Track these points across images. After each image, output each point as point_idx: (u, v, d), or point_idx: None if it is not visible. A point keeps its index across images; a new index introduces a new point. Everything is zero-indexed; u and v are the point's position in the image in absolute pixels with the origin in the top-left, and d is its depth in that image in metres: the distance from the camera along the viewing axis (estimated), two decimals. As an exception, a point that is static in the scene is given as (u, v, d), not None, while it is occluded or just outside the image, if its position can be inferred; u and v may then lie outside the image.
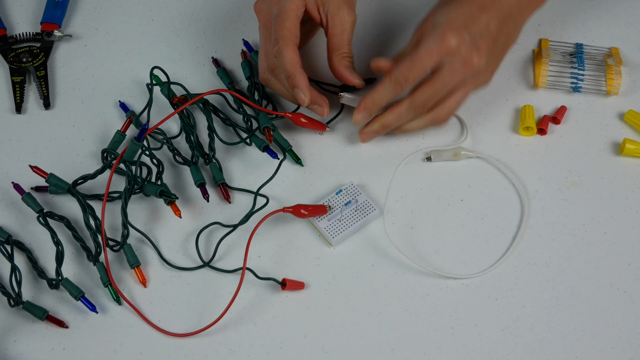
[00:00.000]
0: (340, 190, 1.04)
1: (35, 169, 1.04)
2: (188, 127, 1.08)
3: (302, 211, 1.02)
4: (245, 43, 1.15)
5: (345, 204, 1.03)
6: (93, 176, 1.03)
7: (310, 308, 0.99)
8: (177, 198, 1.03)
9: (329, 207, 1.03)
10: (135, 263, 1.00)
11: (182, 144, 1.09)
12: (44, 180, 1.04)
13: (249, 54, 1.14)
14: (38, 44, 1.16)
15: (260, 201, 1.05)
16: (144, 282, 0.99)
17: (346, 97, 1.09)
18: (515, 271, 1.01)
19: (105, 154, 1.06)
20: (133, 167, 1.03)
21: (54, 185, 1.03)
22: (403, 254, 1.00)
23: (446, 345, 0.97)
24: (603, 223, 1.04)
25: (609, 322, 0.98)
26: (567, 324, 0.98)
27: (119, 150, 1.07)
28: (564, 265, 1.01)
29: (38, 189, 1.05)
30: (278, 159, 1.06)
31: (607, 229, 1.03)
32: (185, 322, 0.97)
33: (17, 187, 1.04)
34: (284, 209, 1.02)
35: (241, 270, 0.99)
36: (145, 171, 1.04)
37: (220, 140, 1.07)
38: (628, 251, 1.02)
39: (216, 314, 0.97)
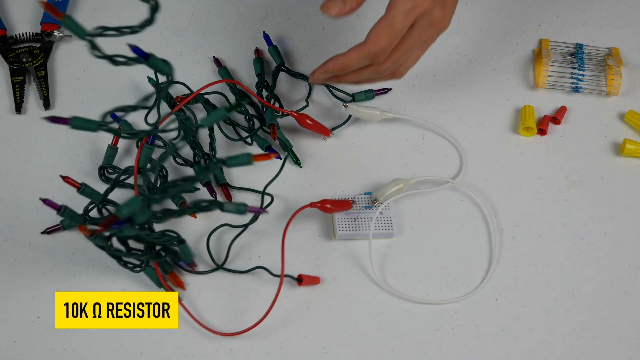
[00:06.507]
0: (370, 193, 1.04)
1: (66, 179, 0.99)
2: (188, 127, 1.08)
3: (328, 206, 1.02)
4: (265, 36, 1.14)
5: (365, 207, 1.03)
6: (104, 197, 1.00)
7: (310, 308, 0.99)
8: (198, 189, 1.04)
9: (354, 202, 1.03)
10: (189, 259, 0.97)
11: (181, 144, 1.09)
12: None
13: (262, 52, 1.14)
14: (38, 44, 1.16)
15: (264, 200, 1.05)
16: (181, 285, 0.98)
17: (351, 107, 1.08)
18: (515, 271, 1.01)
19: (102, 170, 1.04)
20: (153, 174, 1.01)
21: (88, 194, 0.99)
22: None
23: (446, 345, 0.97)
24: (603, 223, 1.04)
25: (609, 322, 0.98)
26: (567, 324, 0.98)
27: (117, 161, 1.05)
28: (564, 266, 1.01)
29: (48, 202, 0.95)
30: (281, 158, 1.06)
31: (607, 229, 1.03)
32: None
33: (47, 202, 0.94)
34: (312, 204, 1.02)
35: (254, 269, 1.00)
36: (152, 177, 1.03)
37: (225, 135, 1.07)
38: (628, 251, 1.02)
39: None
